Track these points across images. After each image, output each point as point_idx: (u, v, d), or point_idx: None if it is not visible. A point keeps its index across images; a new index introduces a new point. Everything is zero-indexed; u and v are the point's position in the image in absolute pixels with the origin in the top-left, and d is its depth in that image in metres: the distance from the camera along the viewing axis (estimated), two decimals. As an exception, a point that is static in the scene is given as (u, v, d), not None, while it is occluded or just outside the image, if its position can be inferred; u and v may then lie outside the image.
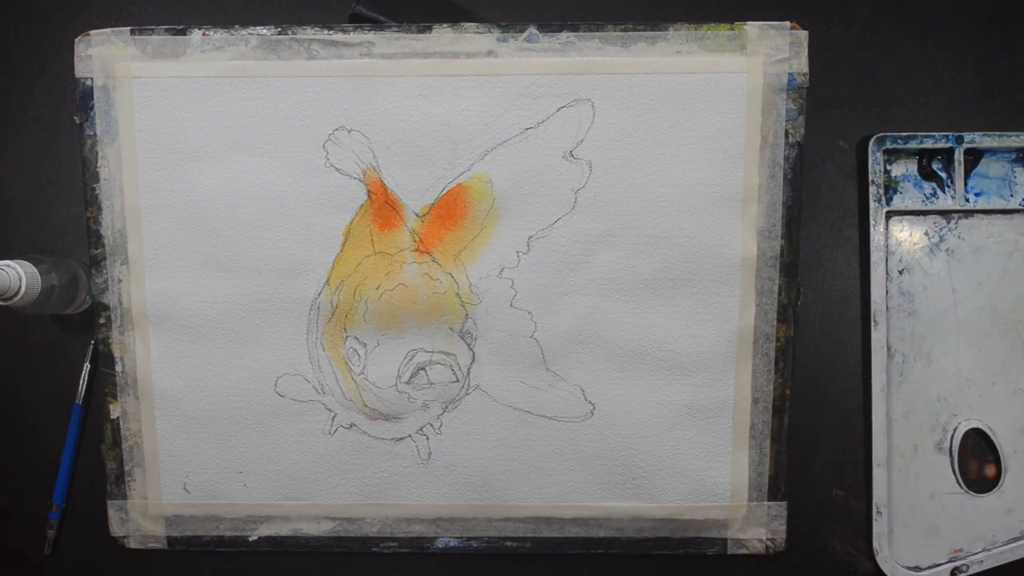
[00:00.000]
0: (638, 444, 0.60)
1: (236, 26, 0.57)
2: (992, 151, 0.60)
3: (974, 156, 0.60)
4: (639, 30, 0.57)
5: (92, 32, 0.57)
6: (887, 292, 0.60)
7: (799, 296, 0.59)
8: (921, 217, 0.61)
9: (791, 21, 0.57)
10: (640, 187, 0.57)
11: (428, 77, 0.57)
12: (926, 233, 0.61)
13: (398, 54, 0.57)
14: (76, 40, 0.57)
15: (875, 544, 0.61)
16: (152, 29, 0.57)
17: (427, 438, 0.60)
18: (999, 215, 0.60)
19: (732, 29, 0.56)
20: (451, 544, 0.61)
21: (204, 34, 0.57)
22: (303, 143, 0.58)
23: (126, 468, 0.61)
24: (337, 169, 0.58)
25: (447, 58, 0.57)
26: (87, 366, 0.62)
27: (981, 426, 0.61)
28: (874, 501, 0.60)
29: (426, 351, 0.59)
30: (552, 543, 0.61)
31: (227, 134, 0.58)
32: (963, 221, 0.61)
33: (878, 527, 0.60)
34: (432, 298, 0.59)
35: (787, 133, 0.57)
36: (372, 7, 0.58)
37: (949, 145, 0.59)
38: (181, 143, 0.58)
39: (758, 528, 0.60)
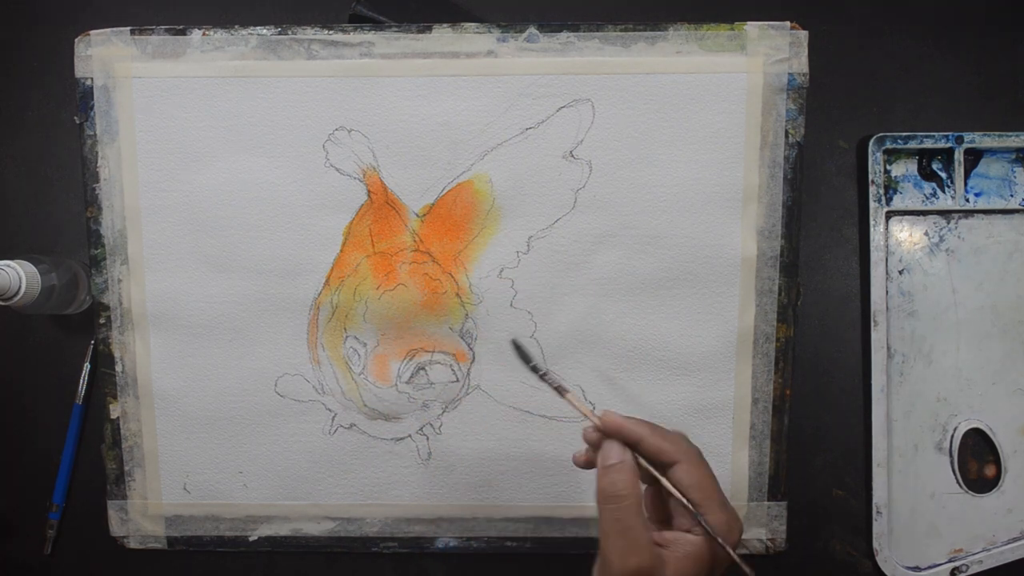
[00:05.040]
0: (638, 444, 0.60)
1: (236, 26, 0.57)
2: (992, 151, 0.60)
3: (974, 156, 0.60)
4: (639, 30, 0.57)
5: (92, 32, 0.57)
6: (887, 292, 0.60)
7: (799, 296, 0.59)
8: (921, 217, 0.61)
9: (791, 21, 0.57)
10: (640, 187, 0.57)
11: (428, 77, 0.57)
12: (926, 233, 0.61)
13: (398, 54, 0.57)
14: (76, 40, 0.57)
15: (875, 544, 0.60)
16: (152, 29, 0.57)
17: (427, 438, 0.60)
18: (999, 215, 0.60)
19: (732, 29, 0.56)
20: (451, 544, 0.61)
21: (204, 34, 0.57)
22: (303, 143, 0.58)
23: (126, 468, 0.61)
24: (337, 169, 0.58)
25: (447, 58, 0.57)
26: (87, 366, 0.62)
27: (981, 426, 0.61)
28: (874, 501, 0.60)
29: (426, 351, 0.59)
30: (552, 543, 0.61)
31: (227, 134, 0.58)
32: (963, 221, 0.60)
33: (878, 527, 0.60)
34: (432, 298, 0.59)
35: (787, 133, 0.57)
36: (372, 7, 0.58)
37: (949, 145, 0.59)
38: (181, 143, 0.58)
39: (758, 528, 0.60)
